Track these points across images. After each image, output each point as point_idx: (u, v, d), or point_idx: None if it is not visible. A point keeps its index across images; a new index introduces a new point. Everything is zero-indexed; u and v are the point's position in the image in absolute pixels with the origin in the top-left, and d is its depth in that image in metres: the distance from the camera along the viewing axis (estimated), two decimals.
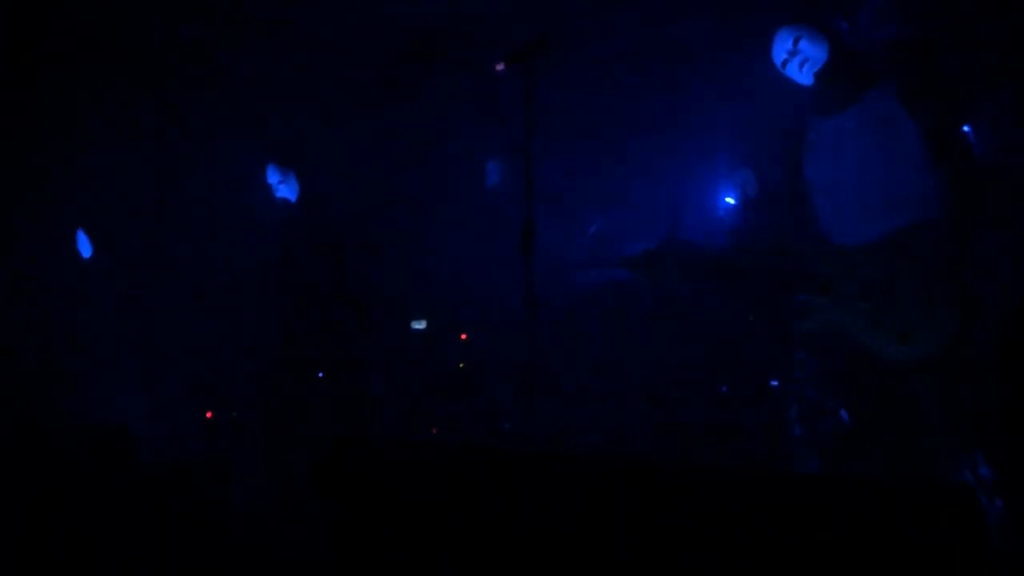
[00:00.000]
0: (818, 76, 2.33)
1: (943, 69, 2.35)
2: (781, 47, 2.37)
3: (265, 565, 2.90)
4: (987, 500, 2.33)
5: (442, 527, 1.58)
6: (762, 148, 4.73)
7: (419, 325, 4.91)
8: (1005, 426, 2.15)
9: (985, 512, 2.30)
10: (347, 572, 1.72)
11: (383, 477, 1.73)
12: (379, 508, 1.70)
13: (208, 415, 4.87)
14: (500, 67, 2.45)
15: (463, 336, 5.10)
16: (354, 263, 3.85)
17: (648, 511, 1.32)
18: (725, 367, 4.26)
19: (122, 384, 4.66)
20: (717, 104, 5.59)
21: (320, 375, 3.81)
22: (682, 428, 4.13)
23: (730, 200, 5.00)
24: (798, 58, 2.35)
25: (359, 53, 5.77)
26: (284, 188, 3.85)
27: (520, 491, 1.48)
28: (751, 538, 1.22)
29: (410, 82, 6.04)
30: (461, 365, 5.02)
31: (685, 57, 5.44)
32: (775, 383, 4.02)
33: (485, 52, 4.13)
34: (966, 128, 2.34)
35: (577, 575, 1.38)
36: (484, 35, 5.35)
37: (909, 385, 2.14)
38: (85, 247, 4.66)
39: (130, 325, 4.78)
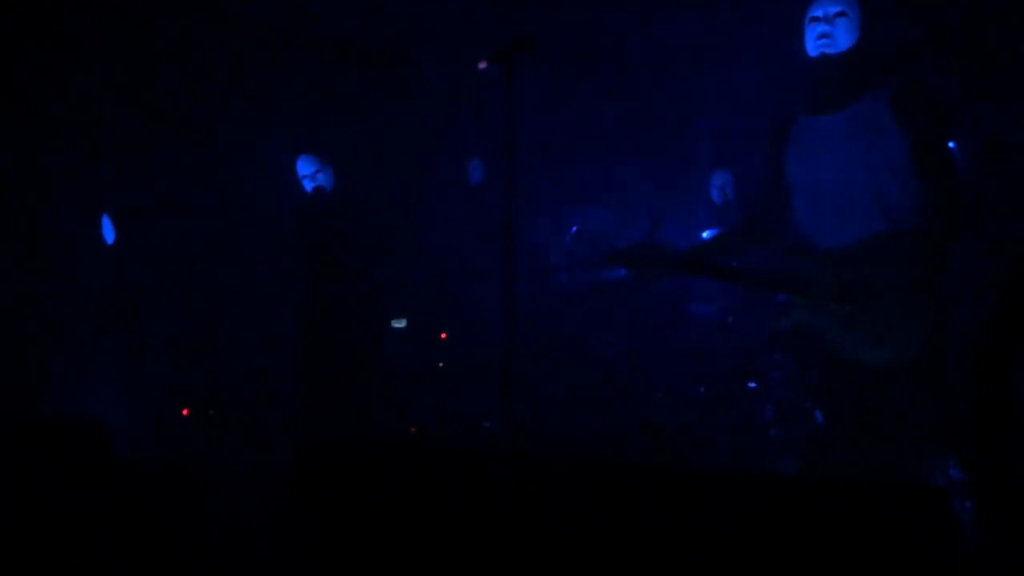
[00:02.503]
0: (822, 56, 2.30)
1: (935, 84, 2.35)
2: (821, 7, 2.32)
3: (245, 563, 2.88)
4: (958, 502, 2.37)
5: (422, 527, 1.58)
6: (743, 148, 4.78)
7: (399, 324, 4.90)
8: (976, 430, 2.19)
9: (955, 514, 2.34)
10: (328, 572, 1.71)
11: (364, 477, 1.72)
12: (360, 508, 1.70)
13: (184, 412, 4.83)
14: (483, 65, 2.44)
15: (443, 335, 5.09)
16: (364, 262, 3.92)
17: (624, 511, 1.33)
18: (703, 368, 4.29)
19: (106, 379, 4.61)
20: (699, 104, 5.64)
21: (327, 372, 3.83)
22: (659, 429, 4.15)
23: (711, 200, 5.04)
24: (825, 27, 2.30)
25: (340, 54, 5.75)
26: (321, 176, 3.96)
27: (499, 491, 1.49)
28: (725, 539, 1.23)
29: (392, 82, 6.03)
30: (441, 364, 5.02)
31: (669, 58, 5.47)
32: (752, 385, 4.05)
33: (468, 51, 4.13)
34: (951, 144, 2.35)
35: (556, 575, 1.39)
36: (466, 34, 5.36)
37: (883, 388, 2.16)
38: (109, 233, 4.63)
39: (120, 320, 4.73)
